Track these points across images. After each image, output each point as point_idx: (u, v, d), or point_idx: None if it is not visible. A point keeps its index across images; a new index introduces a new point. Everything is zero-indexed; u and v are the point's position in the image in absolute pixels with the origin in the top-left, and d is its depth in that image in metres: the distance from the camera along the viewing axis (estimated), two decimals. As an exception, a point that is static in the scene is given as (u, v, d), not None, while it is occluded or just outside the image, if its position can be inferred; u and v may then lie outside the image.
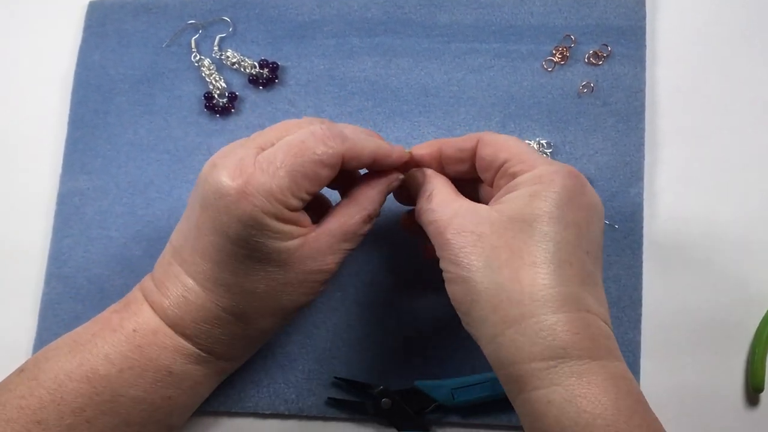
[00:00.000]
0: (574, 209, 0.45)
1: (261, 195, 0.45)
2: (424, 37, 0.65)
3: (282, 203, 0.46)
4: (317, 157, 0.46)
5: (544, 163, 0.47)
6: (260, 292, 0.48)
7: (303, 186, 0.47)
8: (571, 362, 0.41)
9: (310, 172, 0.46)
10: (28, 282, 0.63)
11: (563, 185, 0.45)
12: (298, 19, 0.66)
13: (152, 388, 0.49)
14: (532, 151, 0.48)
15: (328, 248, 0.49)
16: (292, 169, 0.46)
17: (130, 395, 0.48)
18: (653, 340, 0.58)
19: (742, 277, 0.59)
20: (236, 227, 0.46)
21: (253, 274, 0.48)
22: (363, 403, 0.58)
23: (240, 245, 0.46)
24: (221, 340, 0.50)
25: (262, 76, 0.65)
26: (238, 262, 0.47)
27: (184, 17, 0.67)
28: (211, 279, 0.48)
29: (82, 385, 0.47)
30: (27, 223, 0.64)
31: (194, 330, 0.49)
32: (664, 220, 0.61)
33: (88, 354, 0.48)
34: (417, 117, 0.63)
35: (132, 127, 0.65)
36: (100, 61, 0.66)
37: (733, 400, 0.58)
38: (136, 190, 0.63)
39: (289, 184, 0.46)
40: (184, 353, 0.49)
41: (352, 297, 0.60)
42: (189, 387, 0.50)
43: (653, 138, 0.62)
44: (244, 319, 0.49)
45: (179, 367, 0.49)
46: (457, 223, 0.46)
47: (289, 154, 0.46)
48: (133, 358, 0.48)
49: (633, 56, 0.63)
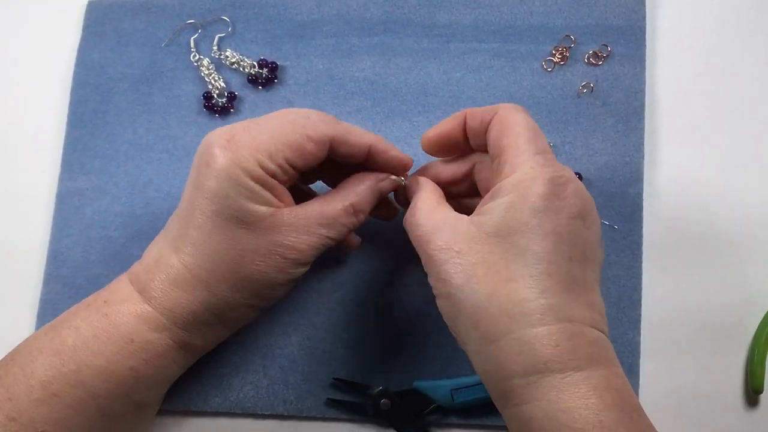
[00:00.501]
0: (552, 217, 0.44)
1: (240, 151, 0.47)
2: (424, 36, 0.65)
3: (259, 163, 0.47)
4: (303, 130, 0.49)
5: (528, 165, 0.45)
6: (224, 254, 0.48)
7: (284, 152, 0.48)
8: (552, 376, 0.41)
9: (293, 142, 0.48)
10: (27, 282, 0.63)
11: (539, 194, 0.44)
12: (297, 19, 0.66)
13: (114, 357, 0.48)
14: (529, 142, 0.47)
15: (303, 227, 0.49)
16: (275, 133, 0.48)
17: (94, 365, 0.48)
18: (653, 341, 0.58)
19: (742, 278, 0.59)
20: (211, 181, 0.47)
21: (220, 232, 0.48)
22: (362, 404, 0.58)
23: (211, 199, 0.47)
24: (183, 304, 0.49)
25: (261, 76, 0.65)
26: (206, 217, 0.48)
27: (183, 17, 0.67)
28: (179, 236, 0.49)
29: (51, 358, 0.48)
30: (26, 223, 0.64)
31: (159, 292, 0.49)
32: (664, 221, 0.61)
33: (60, 328, 0.50)
34: (416, 117, 0.63)
35: (131, 127, 0.65)
36: (99, 60, 0.66)
37: (733, 401, 0.58)
38: (135, 189, 0.63)
39: (269, 146, 0.48)
40: (145, 318, 0.49)
41: (352, 298, 0.60)
42: (150, 358, 0.50)
43: (653, 138, 0.62)
44: (208, 284, 0.49)
45: (140, 335, 0.49)
46: (438, 238, 0.46)
47: (277, 124, 0.49)
48: (99, 326, 0.49)
49: (633, 56, 0.63)
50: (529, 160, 0.45)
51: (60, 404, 0.48)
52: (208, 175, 0.47)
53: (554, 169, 0.45)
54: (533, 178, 0.44)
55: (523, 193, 0.44)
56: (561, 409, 0.40)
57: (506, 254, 0.43)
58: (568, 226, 0.44)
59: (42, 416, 0.47)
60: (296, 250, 0.49)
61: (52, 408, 0.48)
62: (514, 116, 0.48)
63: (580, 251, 0.44)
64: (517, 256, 0.43)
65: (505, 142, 0.47)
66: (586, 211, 0.45)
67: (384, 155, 0.52)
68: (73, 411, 0.48)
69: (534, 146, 0.46)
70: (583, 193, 0.46)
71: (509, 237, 0.44)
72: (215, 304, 0.50)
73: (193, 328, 0.50)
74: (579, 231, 0.45)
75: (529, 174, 0.45)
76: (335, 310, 0.60)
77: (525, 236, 0.43)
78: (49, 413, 0.47)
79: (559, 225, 0.44)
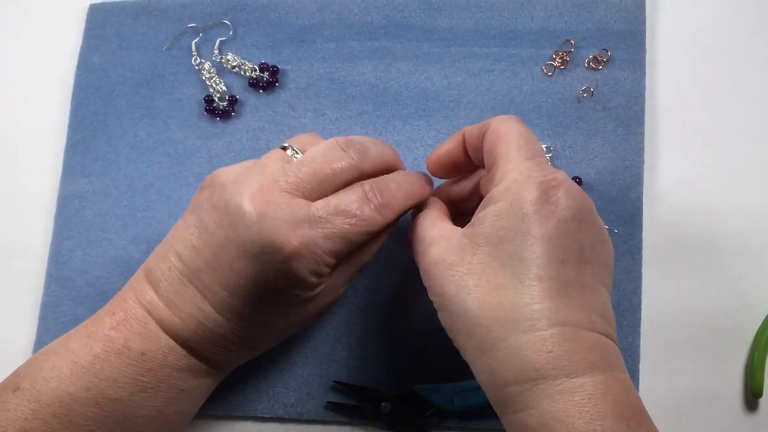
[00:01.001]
0: (542, 221, 0.43)
1: (312, 255, 0.46)
2: (424, 41, 0.65)
3: (326, 264, 0.47)
4: (367, 229, 0.48)
5: (517, 171, 0.45)
6: (279, 327, 0.51)
7: (347, 250, 0.48)
8: (545, 383, 0.40)
9: (357, 240, 0.48)
10: (28, 284, 0.63)
11: (528, 199, 0.43)
12: (298, 23, 0.66)
13: (164, 406, 0.49)
14: (519, 148, 0.46)
15: (343, 282, 0.52)
16: (344, 237, 0.47)
17: (142, 415, 0.48)
18: (652, 345, 0.58)
19: (742, 282, 0.59)
20: (276, 278, 0.46)
21: (277, 313, 0.49)
22: (362, 407, 0.58)
23: (274, 292, 0.47)
24: (231, 359, 0.51)
25: (262, 80, 0.65)
26: (266, 303, 0.48)
27: (184, 20, 0.67)
28: (234, 312, 0.48)
29: (91, 409, 0.46)
30: (27, 226, 0.64)
31: (209, 353, 0.50)
32: (664, 225, 0.61)
33: (94, 378, 0.47)
34: (417, 121, 0.63)
35: (132, 130, 0.65)
36: (100, 63, 0.67)
37: (732, 404, 0.58)
38: (136, 192, 0.63)
39: (338, 249, 0.47)
40: (194, 371, 0.50)
41: (352, 301, 0.60)
42: (197, 400, 0.52)
43: (653, 142, 0.62)
44: (257, 345, 0.52)
45: (190, 383, 0.50)
46: (433, 252, 0.46)
47: (345, 222, 0.47)
48: (144, 380, 0.48)
49: (633, 61, 0.63)
50: (519, 166, 0.45)
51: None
52: (276, 275, 0.46)
53: (544, 174, 0.44)
54: (522, 183, 0.44)
55: (512, 199, 0.44)
56: (554, 417, 0.40)
57: (496, 262, 0.43)
58: (560, 229, 0.43)
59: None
60: (336, 298, 0.53)
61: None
62: (505, 125, 0.48)
63: (574, 253, 0.43)
64: (507, 263, 0.43)
65: (497, 151, 0.47)
66: (582, 212, 0.45)
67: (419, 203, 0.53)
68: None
69: (524, 152, 0.46)
70: (577, 194, 0.45)
71: (499, 245, 0.43)
72: (257, 352, 0.53)
73: (229, 369, 0.53)
74: (572, 233, 0.44)
75: (518, 180, 0.44)
76: (336, 314, 0.60)
77: (514, 242, 0.43)
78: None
79: (549, 229, 0.43)
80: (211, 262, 0.47)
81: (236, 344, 0.50)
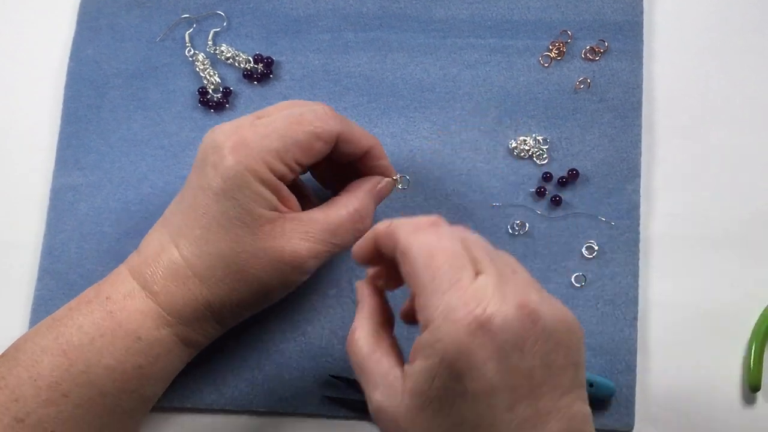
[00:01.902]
0: (476, 374, 0.37)
1: (249, 152, 0.47)
2: (420, 32, 0.64)
3: (268, 165, 0.48)
4: (313, 128, 0.49)
5: (439, 316, 0.38)
6: (225, 255, 0.49)
7: (293, 153, 0.48)
8: None
9: (303, 141, 0.48)
10: (21, 278, 0.63)
11: (457, 356, 0.37)
12: (292, 14, 0.66)
13: (123, 356, 0.49)
14: (435, 277, 0.39)
15: (306, 234, 0.50)
16: (285, 134, 0.48)
17: (102, 364, 0.48)
18: (649, 338, 0.58)
19: (739, 275, 0.59)
20: (218, 181, 0.48)
21: (223, 232, 0.48)
22: (358, 401, 0.58)
23: (217, 200, 0.48)
24: (184, 302, 0.50)
25: (256, 71, 0.64)
26: (210, 217, 0.48)
27: (177, 11, 0.66)
28: (181, 232, 0.50)
29: (57, 359, 0.48)
30: (20, 219, 0.64)
31: (161, 287, 0.49)
32: (661, 217, 0.60)
33: (63, 327, 0.49)
34: (412, 112, 0.63)
35: (126, 123, 0.64)
36: (93, 55, 0.66)
37: (730, 398, 0.58)
38: (130, 185, 0.63)
39: (278, 147, 0.48)
40: (151, 316, 0.50)
41: (347, 294, 0.60)
42: (157, 355, 0.50)
43: (650, 134, 0.62)
44: (208, 283, 0.49)
45: (147, 333, 0.49)
46: (377, 397, 0.41)
47: (285, 122, 0.49)
48: (105, 325, 0.49)
49: (630, 52, 0.63)
50: (438, 306, 0.38)
51: (69, 404, 0.48)
52: (215, 175, 0.48)
53: (468, 309, 0.38)
54: (446, 333, 0.38)
55: (441, 356, 0.38)
56: None
57: (443, 427, 0.39)
58: (500, 372, 0.38)
59: (51, 417, 0.47)
60: (298, 256, 0.49)
61: (61, 408, 0.48)
62: (415, 246, 0.41)
63: (524, 388, 0.38)
64: (454, 427, 0.39)
65: (411, 282, 0.41)
66: (525, 333, 0.38)
67: (378, 162, 0.53)
68: (82, 410, 0.48)
69: (441, 281, 0.39)
70: (513, 317, 0.38)
71: (442, 409, 0.39)
72: (213, 303, 0.50)
73: (194, 325, 0.51)
74: (516, 367, 0.38)
75: (441, 329, 0.38)
76: (331, 307, 0.60)
77: (455, 405, 0.38)
78: (57, 413, 0.48)
79: (488, 379, 0.38)
80: (178, 200, 0.51)
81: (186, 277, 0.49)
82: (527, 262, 0.59)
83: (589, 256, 0.59)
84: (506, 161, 0.62)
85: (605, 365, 0.57)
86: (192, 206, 0.49)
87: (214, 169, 0.48)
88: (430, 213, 0.59)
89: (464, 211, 0.61)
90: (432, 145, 0.62)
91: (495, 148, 0.62)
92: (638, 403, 0.57)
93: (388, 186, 0.54)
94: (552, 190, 0.60)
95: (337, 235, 0.51)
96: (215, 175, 0.48)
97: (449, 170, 0.61)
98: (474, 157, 0.62)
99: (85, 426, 0.48)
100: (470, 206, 0.61)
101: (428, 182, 0.61)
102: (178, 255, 0.49)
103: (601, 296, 0.58)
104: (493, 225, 0.60)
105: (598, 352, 0.58)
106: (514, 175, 0.61)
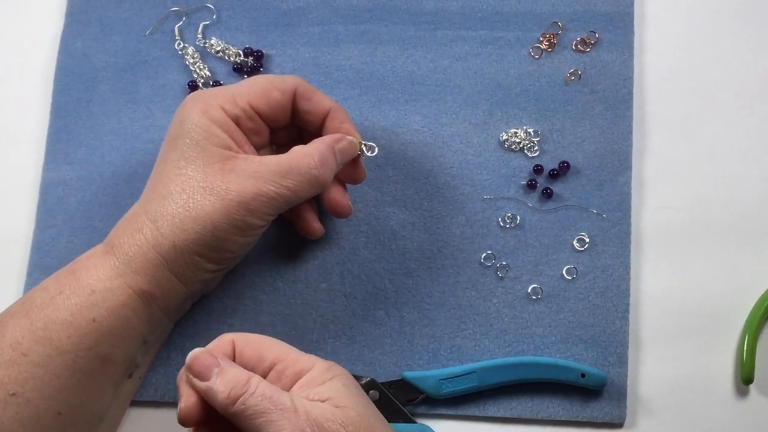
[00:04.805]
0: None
1: (206, 98, 0.52)
2: (410, 24, 0.64)
3: (221, 106, 0.52)
4: (269, 80, 0.54)
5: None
6: (174, 191, 0.51)
7: (248, 96, 0.53)
8: None
9: (259, 87, 0.53)
10: (10, 272, 0.62)
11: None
12: (282, 7, 0.65)
13: (77, 310, 0.50)
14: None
15: (257, 173, 0.51)
16: (243, 84, 0.54)
17: (59, 320, 0.50)
18: (641, 331, 0.58)
19: (732, 267, 0.59)
20: (176, 127, 0.52)
21: (175, 171, 0.51)
22: (349, 394, 0.58)
23: (174, 145, 0.52)
24: (132, 243, 0.51)
25: (246, 65, 0.64)
26: (168, 162, 0.52)
27: (167, 4, 0.66)
28: (146, 188, 0.53)
29: (21, 320, 0.50)
30: (9, 214, 0.63)
31: (118, 237, 0.52)
32: (653, 209, 0.60)
33: (32, 292, 0.52)
34: (403, 105, 0.63)
35: (115, 116, 0.64)
36: (82, 49, 0.66)
37: (723, 391, 0.57)
38: (120, 179, 0.63)
39: (234, 92, 0.53)
40: (104, 267, 0.51)
41: (339, 288, 0.60)
42: (111, 308, 0.50)
43: (641, 126, 0.62)
44: (156, 221, 0.51)
45: (101, 285, 0.50)
46: None
47: (248, 80, 0.54)
48: (65, 282, 0.51)
49: (621, 43, 0.62)
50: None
51: (28, 363, 0.49)
52: (174, 122, 0.53)
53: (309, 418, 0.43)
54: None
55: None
56: None
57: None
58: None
59: (11, 377, 0.48)
60: (244, 193, 0.50)
61: (22, 368, 0.49)
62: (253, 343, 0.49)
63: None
64: None
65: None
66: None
67: (341, 124, 0.55)
68: (41, 369, 0.49)
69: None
70: (347, 420, 0.44)
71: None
72: (162, 243, 0.50)
73: (145, 273, 0.51)
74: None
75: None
76: (322, 301, 0.60)
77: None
78: (18, 373, 0.49)
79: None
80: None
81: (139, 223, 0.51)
82: (518, 255, 0.59)
83: (581, 249, 0.59)
84: (497, 153, 0.61)
85: (597, 357, 0.57)
86: (158, 161, 0.53)
87: (175, 118, 0.53)
88: (422, 205, 0.60)
89: (455, 204, 0.60)
90: (423, 137, 0.62)
91: (486, 141, 0.62)
92: (630, 395, 0.57)
93: (351, 146, 0.55)
94: (543, 182, 0.60)
95: (287, 177, 0.51)
96: (175, 122, 0.53)
97: (440, 163, 0.61)
98: (465, 149, 0.61)
99: (44, 386, 0.49)
100: (461, 199, 0.61)
101: (419, 175, 0.61)
102: (138, 206, 0.53)
103: (592, 288, 0.58)
104: (485, 218, 0.60)
105: (590, 344, 0.57)
106: (505, 167, 0.61)
